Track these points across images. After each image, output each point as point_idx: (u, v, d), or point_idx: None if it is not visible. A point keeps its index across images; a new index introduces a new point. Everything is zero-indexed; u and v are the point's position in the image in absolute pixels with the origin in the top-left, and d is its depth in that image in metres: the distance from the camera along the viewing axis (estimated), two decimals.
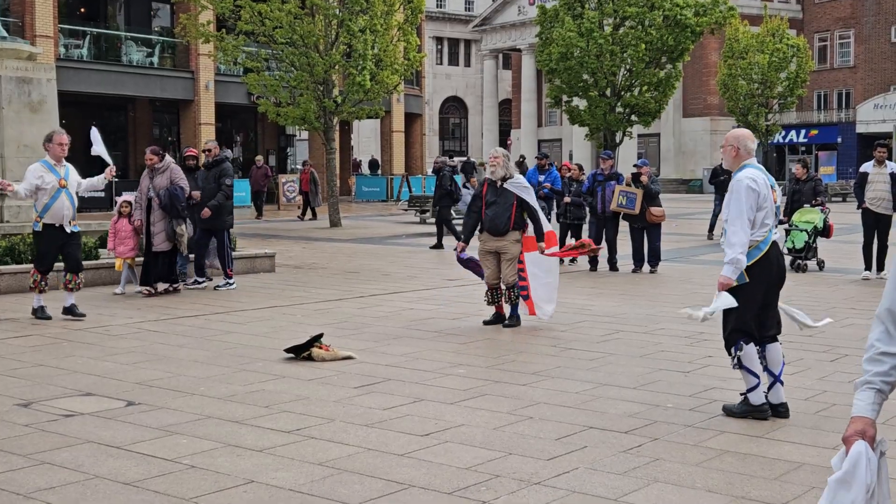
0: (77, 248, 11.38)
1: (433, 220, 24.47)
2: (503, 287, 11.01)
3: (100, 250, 14.46)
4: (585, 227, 17.74)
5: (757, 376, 6.96)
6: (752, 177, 6.91)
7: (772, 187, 7.03)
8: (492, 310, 11.22)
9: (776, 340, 7.14)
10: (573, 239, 17.93)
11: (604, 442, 6.32)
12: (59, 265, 11.61)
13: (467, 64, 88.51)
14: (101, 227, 15.28)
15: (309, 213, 32.17)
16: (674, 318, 11.11)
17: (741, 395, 7.11)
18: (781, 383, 7.07)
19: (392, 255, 19.76)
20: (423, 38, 45.83)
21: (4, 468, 5.72)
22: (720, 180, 23.55)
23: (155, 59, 38.55)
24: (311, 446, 6.19)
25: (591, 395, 7.61)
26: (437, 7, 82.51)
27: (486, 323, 11.05)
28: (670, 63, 36.23)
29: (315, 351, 8.92)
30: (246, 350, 9.45)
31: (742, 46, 47.05)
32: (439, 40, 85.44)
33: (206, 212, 13.86)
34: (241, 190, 37.54)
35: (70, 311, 11.22)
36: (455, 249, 11.58)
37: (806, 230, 16.74)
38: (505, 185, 10.84)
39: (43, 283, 11.16)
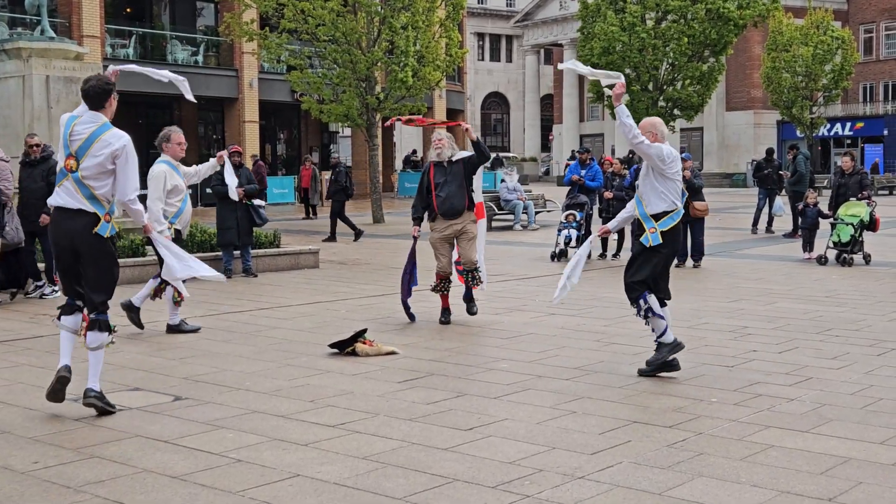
0: None
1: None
2: (463, 268, 10.88)
3: (146, 247, 14.22)
4: None
5: (664, 318, 8.01)
6: (673, 148, 8.13)
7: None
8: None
9: (665, 305, 8.14)
10: (616, 234, 17.93)
11: (648, 436, 6.31)
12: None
13: (509, 59, 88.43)
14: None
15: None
16: (718, 312, 11.05)
17: (655, 341, 8.10)
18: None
19: None
20: (465, 35, 45.84)
21: (55, 462, 5.82)
22: (764, 174, 23.43)
23: (199, 58, 38.89)
24: (356, 440, 6.24)
25: (635, 390, 7.60)
26: (479, 3, 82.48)
27: (442, 322, 10.88)
28: (713, 57, 36.04)
29: (359, 346, 8.98)
30: (291, 345, 9.53)
31: (786, 39, 46.56)
32: (481, 36, 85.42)
33: (45, 219, 11.63)
34: (286, 187, 37.71)
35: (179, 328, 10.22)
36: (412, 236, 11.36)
37: (852, 224, 16.59)
38: (452, 159, 10.87)
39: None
